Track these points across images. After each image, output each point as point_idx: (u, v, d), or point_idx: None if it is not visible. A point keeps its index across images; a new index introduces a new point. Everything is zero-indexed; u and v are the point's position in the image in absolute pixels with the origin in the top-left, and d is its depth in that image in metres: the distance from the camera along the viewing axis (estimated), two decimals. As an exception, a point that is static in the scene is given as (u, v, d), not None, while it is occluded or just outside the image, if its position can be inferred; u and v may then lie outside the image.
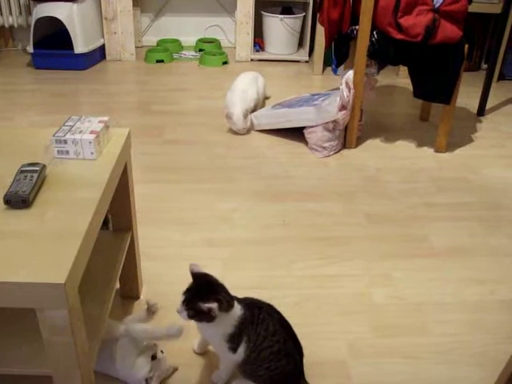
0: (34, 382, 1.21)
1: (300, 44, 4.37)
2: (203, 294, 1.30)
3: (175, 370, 1.51)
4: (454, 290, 1.86)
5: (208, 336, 1.42)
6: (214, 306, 1.26)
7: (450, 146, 2.89)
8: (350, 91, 2.72)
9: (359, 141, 2.91)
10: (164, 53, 4.17)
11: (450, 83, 2.64)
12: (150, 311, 1.66)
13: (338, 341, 1.63)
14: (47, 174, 1.25)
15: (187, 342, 1.57)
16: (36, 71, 3.85)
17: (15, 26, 4.11)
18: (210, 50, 4.26)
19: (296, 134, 2.87)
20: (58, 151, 1.33)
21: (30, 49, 3.82)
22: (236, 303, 1.35)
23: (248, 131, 2.99)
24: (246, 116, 2.93)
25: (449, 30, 2.51)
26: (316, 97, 2.95)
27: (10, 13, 4.05)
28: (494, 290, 1.87)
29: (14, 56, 4.17)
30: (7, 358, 1.11)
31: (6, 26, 4.09)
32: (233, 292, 1.36)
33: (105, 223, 1.61)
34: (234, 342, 1.34)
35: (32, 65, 3.90)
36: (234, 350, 1.35)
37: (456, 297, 1.83)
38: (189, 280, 1.83)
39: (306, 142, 2.83)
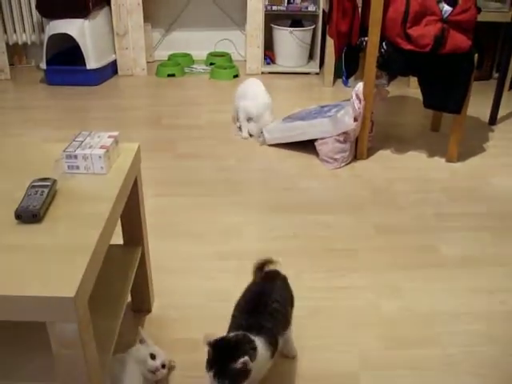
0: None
1: (310, 56, 4.38)
2: (228, 357, 1.23)
3: None
4: (464, 301, 1.85)
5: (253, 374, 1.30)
6: (245, 359, 1.20)
7: (462, 156, 2.88)
8: (360, 103, 2.72)
9: (370, 152, 2.91)
10: (175, 67, 4.21)
11: (461, 93, 2.64)
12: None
13: (349, 353, 1.62)
14: (58, 189, 1.27)
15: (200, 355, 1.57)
16: (49, 87, 3.90)
17: (28, 43, 4.17)
18: (220, 64, 4.29)
19: (306, 145, 2.87)
20: (69, 166, 1.35)
21: (43, 65, 3.88)
22: (254, 338, 1.30)
23: (258, 144, 3.00)
24: None
25: (458, 40, 2.51)
26: (326, 108, 2.96)
27: (24, 30, 4.12)
28: (504, 301, 1.85)
29: (27, 72, 4.22)
30: (17, 371, 1.12)
31: (20, 43, 4.16)
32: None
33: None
34: (274, 351, 1.35)
35: (45, 81, 3.95)
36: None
37: (466, 307, 1.82)
38: (199, 294, 1.85)
39: (316, 154, 2.84)
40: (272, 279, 1.49)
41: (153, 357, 1.47)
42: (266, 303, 1.38)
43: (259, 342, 1.30)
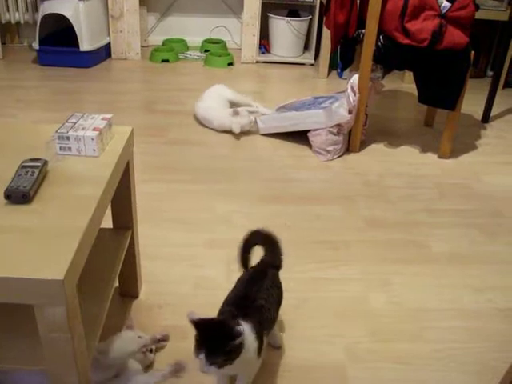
0: None
1: (306, 47, 4.36)
2: (221, 336, 1.19)
3: None
4: (452, 297, 1.85)
5: (241, 368, 1.30)
6: (241, 332, 1.19)
7: (454, 153, 2.88)
8: (355, 95, 2.71)
9: (363, 145, 2.90)
10: (169, 52, 4.17)
11: (456, 89, 2.64)
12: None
13: (336, 345, 1.62)
14: (49, 170, 1.25)
15: (187, 342, 1.57)
16: (41, 68, 3.85)
17: (21, 22, 4.11)
18: (215, 51, 4.26)
19: (299, 136, 2.86)
20: (61, 147, 1.33)
21: (36, 45, 3.83)
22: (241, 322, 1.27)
23: (251, 133, 2.99)
24: None
25: (455, 36, 2.50)
26: (321, 100, 2.95)
27: (17, 9, 4.05)
28: (492, 298, 1.86)
29: (19, 52, 4.17)
30: (3, 354, 1.10)
31: (13, 22, 4.10)
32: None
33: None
34: (261, 347, 1.30)
35: (37, 61, 3.90)
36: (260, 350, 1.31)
37: (454, 304, 1.82)
38: (188, 281, 1.84)
39: (309, 145, 2.83)
40: (262, 276, 1.47)
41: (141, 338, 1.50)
42: (254, 299, 1.36)
43: (246, 328, 1.26)
